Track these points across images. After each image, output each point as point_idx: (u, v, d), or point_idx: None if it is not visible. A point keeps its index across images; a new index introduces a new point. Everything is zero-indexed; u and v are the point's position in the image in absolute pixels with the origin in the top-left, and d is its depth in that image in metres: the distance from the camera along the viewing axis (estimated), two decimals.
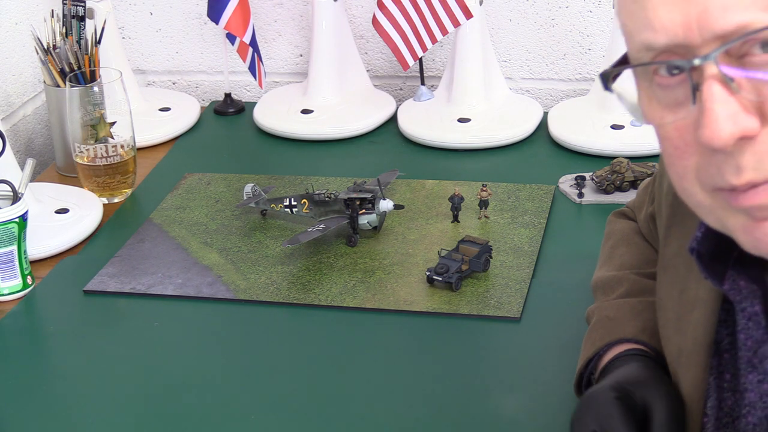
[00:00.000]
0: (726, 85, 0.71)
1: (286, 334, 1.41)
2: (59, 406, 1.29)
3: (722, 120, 0.70)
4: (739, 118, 0.71)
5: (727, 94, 0.71)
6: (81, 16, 1.81)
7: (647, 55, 0.75)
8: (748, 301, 0.86)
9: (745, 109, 0.71)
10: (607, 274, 1.18)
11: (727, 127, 0.70)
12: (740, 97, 0.71)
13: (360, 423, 1.24)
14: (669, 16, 0.72)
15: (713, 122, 0.71)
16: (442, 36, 1.88)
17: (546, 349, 1.32)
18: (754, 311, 0.86)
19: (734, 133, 0.70)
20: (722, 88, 0.71)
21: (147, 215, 1.69)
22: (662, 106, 0.76)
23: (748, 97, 0.71)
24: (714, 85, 0.71)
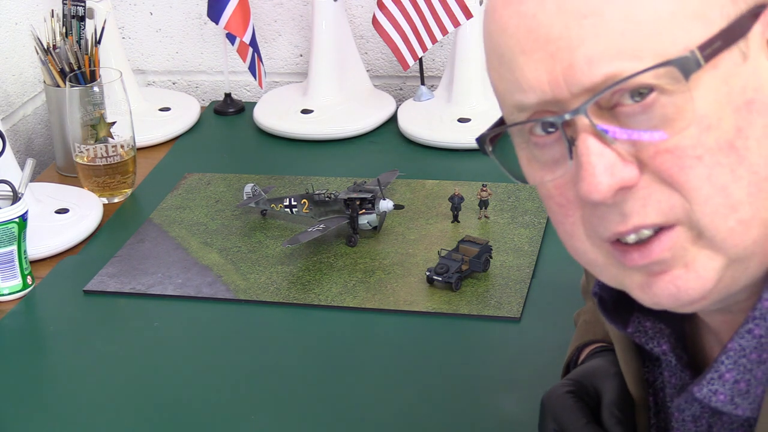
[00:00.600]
0: (600, 137, 0.70)
1: (286, 334, 1.41)
2: (59, 406, 1.29)
3: (599, 173, 0.69)
4: (616, 169, 0.70)
5: (602, 147, 0.70)
6: (81, 16, 1.81)
7: (521, 116, 0.75)
8: (655, 341, 0.85)
9: (622, 159, 0.70)
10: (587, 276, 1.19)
11: (604, 179, 0.69)
12: (615, 148, 0.70)
13: (360, 423, 1.24)
14: (535, 75, 0.71)
15: (590, 176, 0.69)
16: (442, 36, 1.88)
17: (546, 349, 1.32)
18: (661, 350, 0.85)
19: (612, 185, 0.70)
20: (596, 141, 0.70)
21: (147, 215, 1.69)
22: (540, 165, 0.75)
23: (623, 147, 0.70)
24: (588, 139, 0.70)
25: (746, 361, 0.76)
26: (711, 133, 0.69)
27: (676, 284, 0.72)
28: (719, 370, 0.77)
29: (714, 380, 0.77)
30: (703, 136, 0.69)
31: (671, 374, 0.87)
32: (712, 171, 0.69)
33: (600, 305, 0.85)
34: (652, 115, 0.69)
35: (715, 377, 0.77)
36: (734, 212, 0.70)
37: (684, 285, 0.72)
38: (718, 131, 0.69)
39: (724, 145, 0.69)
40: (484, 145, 0.79)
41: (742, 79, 0.70)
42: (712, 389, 0.78)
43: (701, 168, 0.69)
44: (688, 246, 0.71)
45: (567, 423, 0.95)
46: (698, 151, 0.69)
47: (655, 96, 0.69)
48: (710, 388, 0.78)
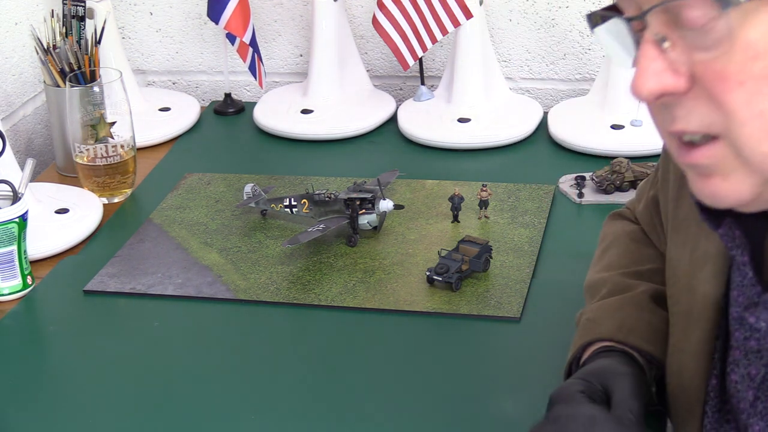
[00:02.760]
0: (656, 44, 0.75)
1: (286, 334, 1.41)
2: (59, 406, 1.29)
3: (646, 76, 0.75)
4: (662, 76, 0.75)
5: (656, 53, 0.75)
6: (81, 16, 1.81)
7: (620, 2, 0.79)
8: (739, 250, 0.88)
9: (672, 68, 0.75)
10: (594, 277, 1.20)
11: (649, 83, 0.75)
12: (669, 57, 0.75)
13: (360, 423, 1.24)
14: None
15: (638, 77, 0.76)
16: (442, 36, 1.88)
17: (546, 349, 1.32)
18: (743, 261, 0.88)
19: (654, 90, 0.75)
20: (652, 47, 0.75)
21: (147, 215, 1.69)
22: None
23: (678, 59, 0.75)
24: (646, 44, 0.75)
25: None
26: (757, 62, 0.72)
27: (712, 190, 0.79)
28: None
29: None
30: (749, 64, 0.72)
31: (740, 293, 0.90)
32: (752, 97, 0.73)
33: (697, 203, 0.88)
34: (707, 34, 0.73)
35: None
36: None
37: (720, 192, 0.79)
38: (765, 61, 0.72)
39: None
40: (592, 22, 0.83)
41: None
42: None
43: (742, 93, 0.73)
44: (728, 161, 0.76)
45: None
46: (741, 77, 0.73)
47: (711, 17, 0.72)
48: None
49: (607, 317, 1.10)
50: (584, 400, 0.97)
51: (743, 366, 0.90)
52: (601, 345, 1.07)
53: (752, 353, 0.89)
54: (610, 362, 1.02)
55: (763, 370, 0.88)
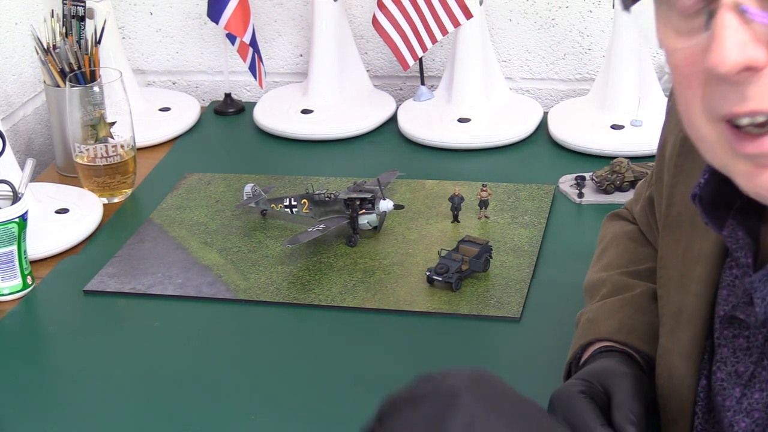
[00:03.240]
0: (740, 14, 0.71)
1: (286, 334, 1.41)
2: (59, 406, 1.29)
3: (730, 47, 0.71)
4: (747, 47, 0.71)
5: (738, 23, 0.71)
6: (81, 16, 1.81)
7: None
8: (743, 251, 0.87)
9: (755, 39, 0.71)
10: (593, 277, 1.20)
11: (733, 54, 0.70)
12: (752, 28, 0.71)
13: (360, 423, 1.23)
14: None
15: (721, 48, 0.71)
16: (442, 36, 1.88)
17: (546, 349, 1.32)
18: (747, 263, 0.87)
19: (739, 62, 0.71)
20: (735, 17, 0.71)
21: (147, 215, 1.69)
22: (677, 32, 0.76)
23: (760, 30, 0.71)
24: (727, 14, 0.71)
25: None
26: None
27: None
28: None
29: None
30: None
31: (730, 292, 0.89)
32: None
33: (701, 207, 0.86)
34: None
35: None
36: None
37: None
38: None
39: None
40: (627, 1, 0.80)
41: None
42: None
43: None
44: None
45: (581, 424, 0.95)
46: None
47: None
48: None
49: (606, 318, 1.10)
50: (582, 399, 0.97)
51: (731, 364, 0.89)
52: (600, 345, 1.07)
53: (741, 350, 0.88)
54: (610, 362, 1.02)
55: (751, 367, 0.88)
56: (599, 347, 1.07)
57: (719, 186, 0.86)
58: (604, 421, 0.95)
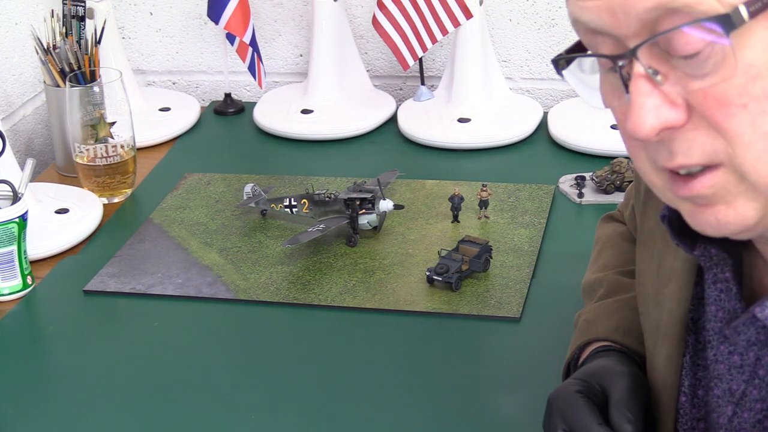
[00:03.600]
0: (650, 79, 0.73)
1: (286, 334, 1.41)
2: (59, 406, 1.29)
3: (644, 113, 0.72)
4: (661, 111, 0.73)
5: (650, 88, 0.73)
6: (81, 16, 1.81)
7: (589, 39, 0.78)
8: (719, 267, 0.87)
9: (669, 101, 0.73)
10: (590, 277, 1.20)
11: (648, 119, 0.72)
12: (665, 90, 0.73)
13: (360, 423, 1.24)
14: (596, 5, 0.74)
15: (636, 116, 0.73)
16: (442, 36, 1.88)
17: (546, 349, 1.32)
18: (724, 277, 0.87)
19: (655, 126, 0.73)
20: (646, 83, 0.73)
21: (147, 215, 1.69)
22: (611, 89, 0.78)
23: (674, 90, 0.73)
24: (639, 80, 0.73)
25: None
26: (758, 82, 0.70)
27: (716, 217, 0.76)
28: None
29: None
30: (750, 85, 0.70)
31: (719, 308, 0.89)
32: (756, 119, 0.71)
33: (669, 227, 0.87)
34: (700, 62, 0.71)
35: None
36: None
37: (724, 219, 0.76)
38: (766, 80, 0.70)
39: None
40: (559, 66, 0.83)
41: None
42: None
43: (745, 115, 0.71)
44: (731, 187, 0.74)
45: (578, 424, 0.95)
46: (743, 100, 0.71)
47: (703, 44, 0.70)
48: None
49: (604, 318, 1.10)
50: (580, 399, 0.97)
51: (726, 381, 0.89)
52: (598, 345, 1.07)
53: (735, 368, 0.88)
54: (608, 362, 1.02)
55: (743, 386, 0.87)
56: (597, 347, 1.07)
57: None
58: (602, 420, 0.95)
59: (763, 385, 0.86)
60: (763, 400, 0.86)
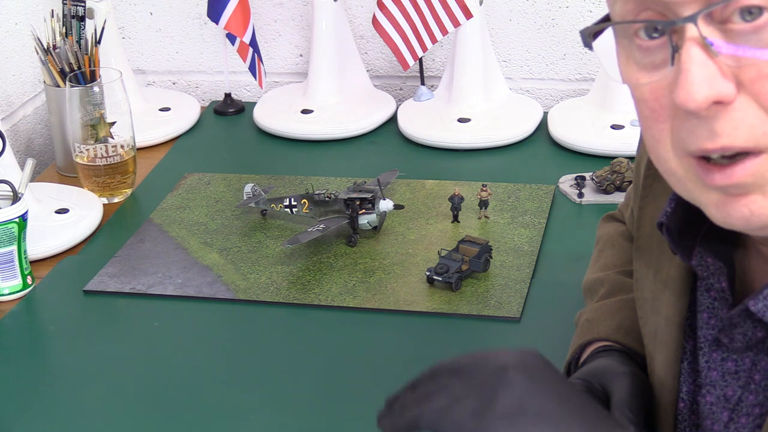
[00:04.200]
0: (705, 48, 0.70)
1: (286, 334, 1.41)
2: (59, 406, 1.29)
3: (698, 82, 0.70)
4: (715, 81, 0.70)
5: (705, 57, 0.70)
6: (81, 16, 1.81)
7: (628, 9, 0.74)
8: (715, 277, 0.86)
9: (722, 73, 0.70)
10: (591, 277, 1.20)
11: (702, 89, 0.70)
12: (718, 61, 0.70)
13: (360, 423, 1.23)
14: None
15: (689, 84, 0.70)
16: (442, 36, 1.88)
17: (546, 349, 1.31)
18: (721, 287, 0.86)
19: (709, 97, 0.70)
20: (701, 51, 0.70)
21: (147, 215, 1.69)
22: (639, 67, 0.75)
23: (726, 63, 0.70)
24: (693, 48, 0.70)
25: None
26: None
27: (750, 208, 0.73)
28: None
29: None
30: None
31: (711, 315, 0.88)
32: None
33: (668, 236, 0.85)
34: (761, 37, 0.69)
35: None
36: None
37: (758, 210, 0.73)
38: None
39: None
40: (588, 38, 0.78)
41: None
42: (767, 304, 0.79)
43: None
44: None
45: None
46: None
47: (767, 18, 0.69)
48: (765, 303, 0.79)
49: (606, 318, 1.10)
50: None
51: (720, 387, 0.88)
52: (599, 345, 1.07)
53: (729, 374, 0.87)
54: (609, 362, 1.02)
55: (739, 392, 0.87)
56: (598, 347, 1.07)
57: (686, 214, 0.84)
58: None
59: (759, 390, 0.85)
60: (761, 405, 0.85)
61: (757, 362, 0.85)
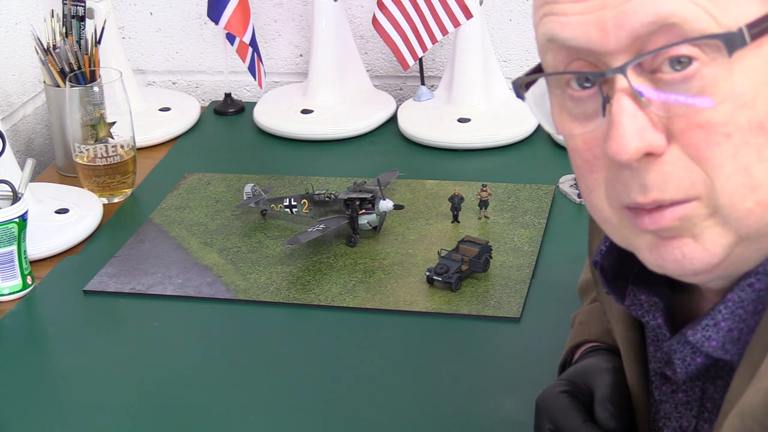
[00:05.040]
0: (636, 99, 0.70)
1: (286, 334, 1.41)
2: (59, 406, 1.29)
3: (629, 134, 0.70)
4: (646, 133, 0.70)
5: (636, 108, 0.70)
6: (81, 16, 1.81)
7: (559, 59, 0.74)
8: (650, 315, 0.85)
9: (653, 124, 0.70)
10: (585, 277, 1.19)
11: (633, 141, 0.70)
12: (649, 112, 0.70)
13: (360, 423, 1.24)
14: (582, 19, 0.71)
15: (620, 136, 0.70)
16: (442, 36, 1.88)
17: (546, 349, 1.32)
18: (656, 324, 0.85)
19: (640, 148, 0.70)
20: (631, 102, 0.70)
21: (147, 215, 1.69)
22: (572, 117, 0.75)
23: (657, 113, 0.70)
24: (623, 98, 0.70)
25: (743, 312, 0.77)
26: (744, 112, 0.69)
27: (682, 251, 0.73)
28: (715, 318, 0.77)
29: (709, 327, 0.78)
30: (737, 114, 0.69)
31: (656, 348, 0.88)
32: (738, 150, 0.69)
33: (601, 275, 0.85)
34: (690, 86, 0.69)
35: (710, 324, 0.78)
36: (754, 193, 0.70)
37: (690, 254, 0.73)
38: (752, 110, 0.69)
39: (755, 125, 0.69)
40: (520, 89, 0.78)
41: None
42: (705, 335, 0.78)
43: (728, 145, 0.69)
44: (700, 221, 0.72)
45: (563, 423, 0.95)
46: (729, 128, 0.69)
47: (697, 67, 0.69)
48: (704, 334, 0.78)
49: (596, 320, 1.09)
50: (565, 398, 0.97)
51: (675, 419, 0.88)
52: (589, 345, 1.07)
53: (681, 405, 0.87)
54: (594, 360, 1.01)
55: (693, 422, 0.86)
56: (588, 347, 1.07)
57: (619, 254, 0.84)
58: (587, 418, 0.95)
59: (713, 418, 0.84)
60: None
61: (706, 390, 0.84)
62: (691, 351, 0.81)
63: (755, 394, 0.71)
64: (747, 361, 0.75)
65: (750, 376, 0.74)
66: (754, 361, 0.74)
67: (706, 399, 0.85)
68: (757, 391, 0.71)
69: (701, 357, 0.80)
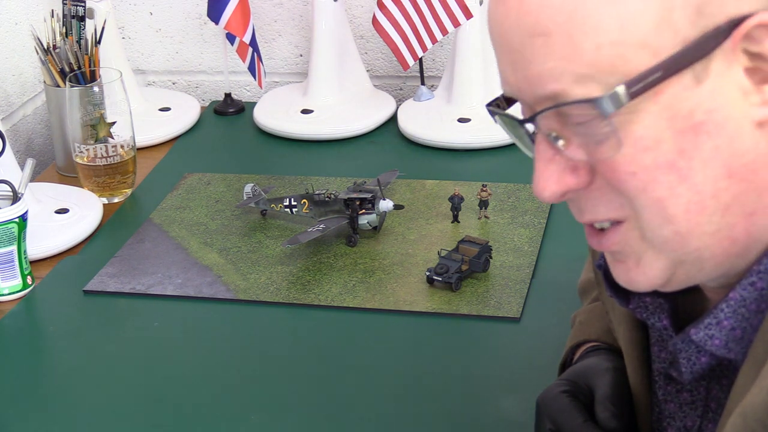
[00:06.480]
0: (550, 143, 0.75)
1: (286, 334, 1.41)
2: (59, 406, 1.29)
3: (545, 179, 0.76)
4: (563, 177, 0.75)
5: (553, 153, 0.75)
6: (81, 16, 1.81)
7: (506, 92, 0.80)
8: (656, 316, 0.86)
9: (571, 166, 0.75)
10: (585, 277, 1.20)
11: (549, 186, 0.76)
12: (567, 155, 0.74)
13: (360, 423, 1.24)
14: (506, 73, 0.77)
15: (538, 180, 0.77)
16: (442, 36, 1.88)
17: (546, 349, 1.32)
18: (662, 326, 0.86)
19: (556, 192, 0.76)
20: (548, 147, 0.75)
21: (147, 215, 1.69)
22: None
23: (575, 154, 0.74)
24: (542, 143, 0.75)
25: (745, 311, 0.78)
26: (648, 154, 0.71)
27: (628, 275, 0.78)
28: (718, 316, 0.79)
29: (711, 325, 0.79)
30: (639, 156, 0.72)
31: (661, 348, 0.89)
32: (647, 185, 0.72)
33: (605, 280, 0.87)
34: (591, 132, 0.73)
35: (713, 322, 0.79)
36: (670, 224, 0.73)
37: (635, 277, 0.78)
38: (656, 152, 0.71)
39: (663, 164, 0.72)
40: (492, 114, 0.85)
41: (691, 102, 0.71)
42: (708, 333, 0.79)
43: (635, 182, 0.73)
44: (635, 243, 0.76)
45: (563, 423, 0.95)
46: (632, 168, 0.72)
47: (593, 117, 0.72)
48: (707, 333, 0.79)
49: (596, 320, 1.10)
50: (565, 398, 0.97)
51: (679, 419, 0.88)
52: (589, 345, 1.07)
53: (686, 405, 0.88)
54: (594, 360, 1.02)
55: (698, 421, 0.87)
56: (588, 347, 1.07)
57: None
58: (587, 417, 0.95)
59: (717, 418, 0.85)
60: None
61: (711, 390, 0.85)
62: (696, 350, 0.82)
63: (758, 394, 0.72)
64: (751, 360, 0.76)
65: (754, 375, 0.74)
66: (758, 361, 0.74)
67: (710, 399, 0.86)
68: (760, 391, 0.71)
69: (706, 356, 0.81)
